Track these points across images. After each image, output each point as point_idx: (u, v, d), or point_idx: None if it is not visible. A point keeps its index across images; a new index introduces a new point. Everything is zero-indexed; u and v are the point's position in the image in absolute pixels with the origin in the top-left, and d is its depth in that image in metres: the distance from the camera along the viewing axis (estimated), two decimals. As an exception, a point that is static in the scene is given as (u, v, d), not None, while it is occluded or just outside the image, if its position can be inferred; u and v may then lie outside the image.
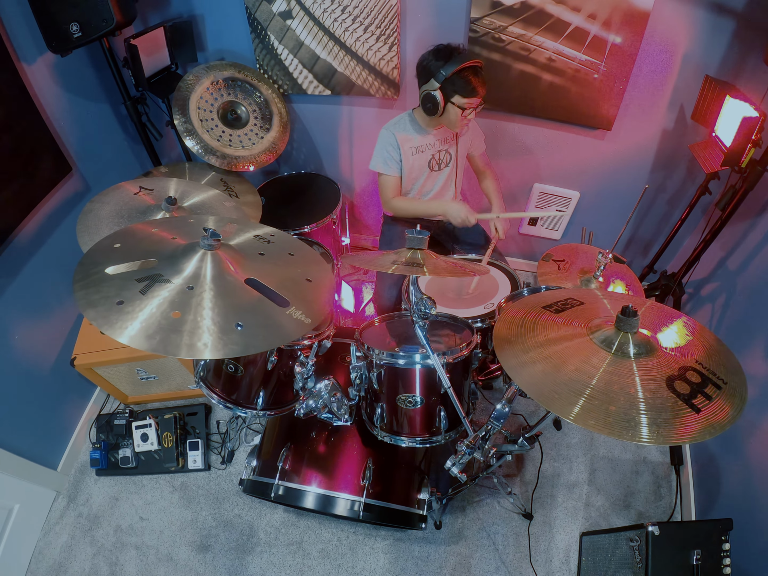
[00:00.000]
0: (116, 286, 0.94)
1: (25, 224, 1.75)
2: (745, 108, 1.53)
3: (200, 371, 1.42)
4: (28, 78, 1.68)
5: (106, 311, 0.89)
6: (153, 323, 0.89)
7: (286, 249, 1.21)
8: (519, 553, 1.78)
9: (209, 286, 1.00)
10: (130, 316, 0.89)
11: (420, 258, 1.07)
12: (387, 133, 1.81)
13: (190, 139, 1.89)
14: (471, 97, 1.61)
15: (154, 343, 0.86)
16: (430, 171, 1.90)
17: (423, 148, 1.83)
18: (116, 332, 0.86)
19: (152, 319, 0.89)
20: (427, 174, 1.91)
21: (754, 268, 1.80)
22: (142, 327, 0.88)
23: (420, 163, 1.86)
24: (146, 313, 0.90)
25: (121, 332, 0.86)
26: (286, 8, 1.92)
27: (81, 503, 1.97)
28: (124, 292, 0.92)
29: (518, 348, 1.00)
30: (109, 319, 0.88)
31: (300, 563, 1.78)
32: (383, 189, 1.90)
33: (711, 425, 0.80)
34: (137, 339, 0.86)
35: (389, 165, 1.82)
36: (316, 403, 1.35)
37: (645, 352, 0.94)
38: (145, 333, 0.87)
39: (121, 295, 0.92)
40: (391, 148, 1.80)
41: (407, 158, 1.83)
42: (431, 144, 1.84)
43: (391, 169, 1.83)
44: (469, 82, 1.59)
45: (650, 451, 2.05)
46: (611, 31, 1.72)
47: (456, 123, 1.69)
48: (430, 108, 1.68)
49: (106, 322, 0.87)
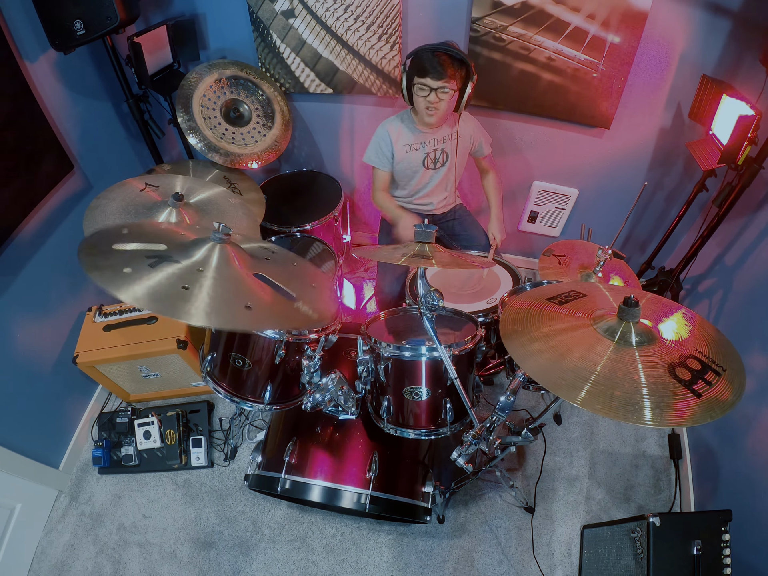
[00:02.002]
0: (125, 259, 0.90)
1: (27, 222, 1.75)
2: (742, 106, 1.56)
3: (207, 366, 1.43)
4: (31, 76, 1.68)
5: (112, 275, 0.84)
6: (161, 290, 0.85)
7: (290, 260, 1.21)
8: (521, 547, 1.80)
9: (218, 271, 0.99)
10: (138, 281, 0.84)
11: (428, 251, 1.09)
12: (382, 130, 1.83)
13: (194, 136, 1.90)
14: (423, 76, 1.56)
15: (160, 306, 0.82)
16: (425, 169, 1.91)
17: (417, 146, 1.84)
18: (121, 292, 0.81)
19: (160, 287, 0.85)
20: (422, 172, 1.92)
21: (750, 263, 1.83)
22: (149, 291, 0.83)
23: (414, 161, 1.87)
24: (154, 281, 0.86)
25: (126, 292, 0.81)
26: (289, 7, 1.94)
27: (83, 502, 1.96)
28: (133, 264, 0.88)
29: (525, 338, 1.02)
30: (114, 281, 0.83)
31: (304, 558, 1.78)
32: (374, 181, 1.92)
33: (711, 409, 0.83)
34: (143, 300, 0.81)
35: (380, 159, 1.84)
36: (323, 397, 1.36)
37: (646, 340, 0.97)
38: (151, 297, 0.83)
39: (130, 266, 0.87)
40: (384, 144, 1.82)
41: (400, 155, 1.84)
42: (426, 142, 1.84)
43: (381, 163, 1.85)
44: (424, 60, 1.55)
45: (649, 445, 2.08)
46: (610, 30, 1.75)
47: (422, 110, 1.67)
48: (403, 96, 1.70)
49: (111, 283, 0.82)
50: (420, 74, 1.58)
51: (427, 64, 1.55)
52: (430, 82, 1.57)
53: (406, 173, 1.92)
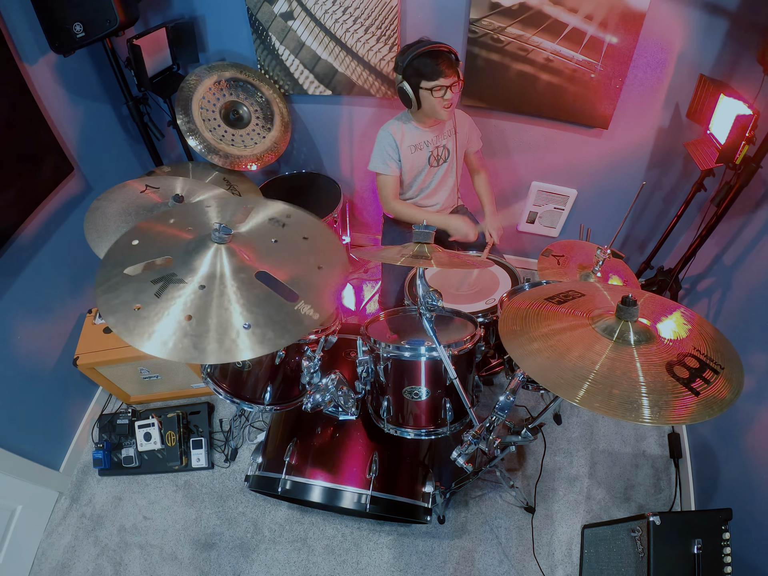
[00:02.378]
0: (133, 290, 0.96)
1: (27, 224, 1.75)
2: (739, 106, 1.56)
3: (207, 367, 1.43)
4: (30, 78, 1.68)
5: (125, 317, 0.91)
6: (167, 329, 0.90)
7: (301, 232, 1.19)
8: (522, 547, 1.80)
9: (218, 283, 1.00)
10: (147, 321, 0.91)
11: (427, 251, 1.10)
12: (384, 133, 1.83)
13: (193, 138, 1.90)
14: (435, 78, 1.61)
15: (166, 350, 0.88)
16: (429, 167, 1.92)
17: (421, 145, 1.86)
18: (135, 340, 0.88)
19: (167, 325, 0.91)
20: (427, 170, 1.93)
21: (749, 262, 1.84)
22: (157, 332, 0.89)
23: (420, 160, 1.89)
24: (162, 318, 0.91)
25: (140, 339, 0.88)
26: (288, 9, 1.94)
27: (84, 503, 1.96)
28: (140, 296, 0.94)
29: (524, 337, 1.03)
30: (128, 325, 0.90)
31: (305, 559, 1.78)
32: (382, 189, 1.91)
33: (710, 407, 0.83)
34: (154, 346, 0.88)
35: (388, 165, 1.84)
36: (323, 397, 1.36)
37: (645, 339, 0.97)
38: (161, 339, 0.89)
39: (138, 299, 0.94)
40: (390, 148, 1.82)
41: (406, 156, 1.85)
42: (429, 140, 1.86)
43: (389, 168, 1.84)
44: (429, 64, 1.60)
45: (649, 445, 2.08)
46: (608, 31, 1.76)
47: (437, 109, 1.70)
48: (405, 101, 1.73)
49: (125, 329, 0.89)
50: (429, 78, 1.62)
51: (434, 67, 1.60)
52: (443, 81, 1.62)
53: (412, 174, 1.93)
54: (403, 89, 1.68)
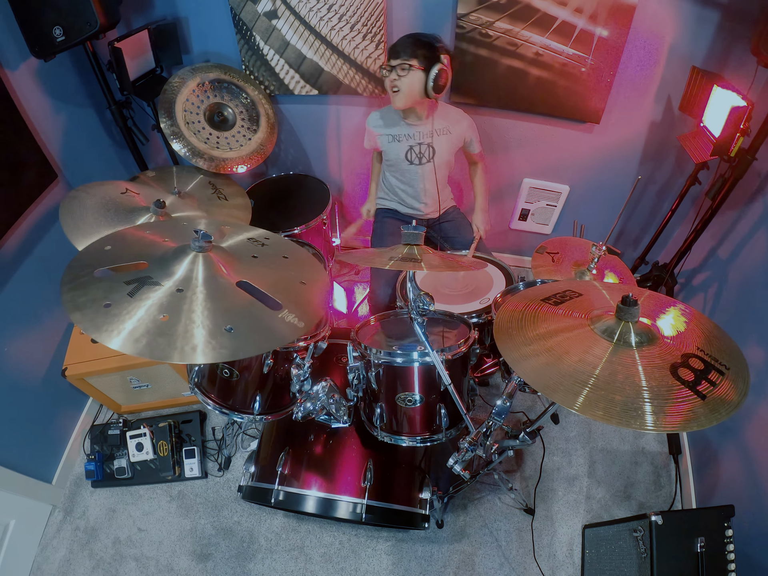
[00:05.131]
0: (104, 288, 0.92)
1: (11, 233, 1.71)
2: (733, 97, 1.54)
3: (194, 377, 1.40)
4: (11, 84, 1.64)
5: (93, 314, 0.87)
6: (140, 326, 0.87)
7: (280, 252, 1.19)
8: (522, 549, 1.78)
9: (200, 289, 0.97)
10: (117, 318, 0.87)
11: (416, 253, 1.07)
12: (369, 117, 1.93)
13: (177, 142, 1.86)
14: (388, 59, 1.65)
15: (140, 347, 0.84)
16: (409, 163, 1.89)
17: (400, 137, 1.85)
18: (103, 336, 0.84)
19: (140, 323, 0.87)
20: (407, 167, 1.91)
21: (744, 256, 1.82)
22: (129, 330, 0.85)
23: (396, 153, 1.88)
24: (134, 316, 0.88)
25: (108, 336, 0.84)
26: (272, 8, 1.91)
27: (78, 516, 1.93)
28: (111, 295, 0.91)
29: (519, 340, 0.99)
30: (95, 322, 0.86)
31: (302, 568, 1.76)
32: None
33: (716, 410, 0.80)
34: (124, 343, 0.84)
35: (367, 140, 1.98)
36: (314, 406, 1.33)
37: (646, 340, 0.94)
38: (132, 336, 0.85)
39: (109, 298, 0.90)
40: (368, 134, 1.95)
41: (384, 144, 1.89)
42: (409, 134, 1.84)
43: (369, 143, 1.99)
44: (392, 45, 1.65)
45: (648, 442, 2.06)
46: (598, 24, 1.73)
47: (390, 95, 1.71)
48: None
49: (92, 326, 0.85)
50: (388, 58, 1.66)
51: (391, 46, 1.64)
52: (392, 62, 1.63)
53: (389, 165, 1.96)
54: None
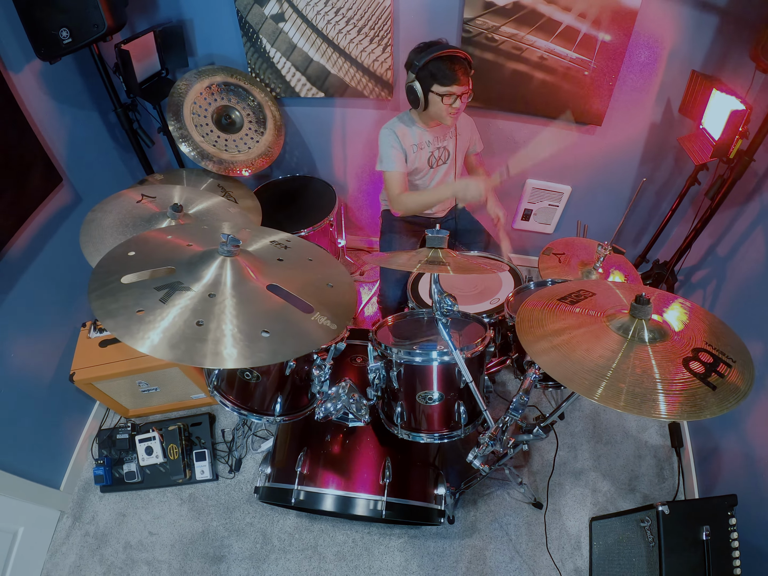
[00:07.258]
0: (135, 295, 0.92)
1: (17, 238, 1.69)
2: (732, 101, 1.59)
3: (213, 380, 1.40)
4: (16, 87, 1.63)
5: (126, 321, 0.87)
6: (176, 333, 0.87)
7: (304, 255, 1.20)
8: (532, 542, 1.82)
9: (230, 293, 0.98)
10: (152, 325, 0.87)
11: (441, 256, 1.09)
12: (387, 132, 1.80)
13: (186, 144, 1.86)
14: (448, 84, 1.60)
15: (179, 353, 0.84)
16: (429, 168, 1.92)
17: (422, 145, 1.85)
18: (138, 342, 0.84)
19: (175, 328, 0.87)
20: (427, 171, 1.93)
21: (742, 253, 1.88)
22: (165, 337, 0.85)
23: (420, 161, 1.88)
24: (168, 322, 0.88)
25: (143, 342, 0.84)
26: (279, 11, 1.91)
27: (87, 521, 1.91)
28: (143, 301, 0.90)
29: (541, 337, 1.03)
30: (129, 329, 0.86)
31: (316, 567, 1.77)
32: (390, 186, 1.84)
33: (726, 399, 0.86)
34: (160, 349, 0.84)
35: (394, 161, 1.80)
36: (334, 406, 1.35)
37: (659, 337, 0.99)
38: (169, 343, 0.85)
39: (141, 304, 0.90)
40: (396, 144, 1.79)
41: (409, 155, 1.84)
42: (429, 141, 1.85)
43: (395, 164, 1.80)
44: (445, 69, 1.58)
45: (651, 435, 2.12)
46: (600, 29, 1.77)
47: (443, 115, 1.69)
48: (412, 101, 1.71)
49: (126, 333, 0.85)
50: (442, 83, 1.60)
51: (449, 73, 1.58)
52: (456, 89, 1.61)
53: (413, 175, 1.92)
54: (413, 88, 1.66)
